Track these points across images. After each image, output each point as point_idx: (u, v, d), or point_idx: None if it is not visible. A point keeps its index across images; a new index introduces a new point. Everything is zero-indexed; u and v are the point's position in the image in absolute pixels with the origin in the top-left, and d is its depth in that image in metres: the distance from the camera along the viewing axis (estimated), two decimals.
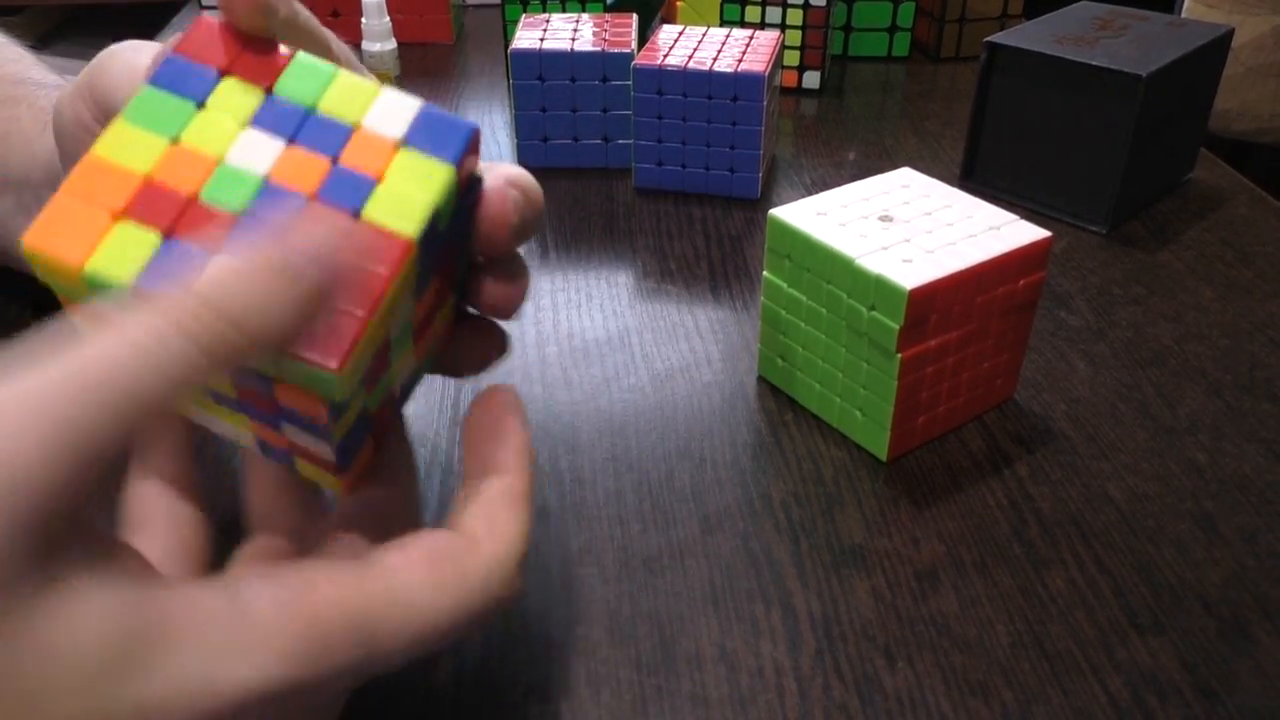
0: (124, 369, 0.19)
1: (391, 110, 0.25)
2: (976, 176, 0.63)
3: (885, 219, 0.40)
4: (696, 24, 0.76)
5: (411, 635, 0.23)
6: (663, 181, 0.62)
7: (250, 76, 0.24)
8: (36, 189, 0.39)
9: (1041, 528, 0.37)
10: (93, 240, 0.22)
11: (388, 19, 0.73)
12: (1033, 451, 0.41)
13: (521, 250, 0.30)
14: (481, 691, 0.31)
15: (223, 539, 0.28)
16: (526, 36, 0.63)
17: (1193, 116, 0.61)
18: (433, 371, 0.31)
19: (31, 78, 0.42)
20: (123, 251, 0.22)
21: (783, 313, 0.42)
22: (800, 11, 0.74)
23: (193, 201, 0.23)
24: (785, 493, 0.39)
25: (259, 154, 0.24)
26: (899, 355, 0.37)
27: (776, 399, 0.44)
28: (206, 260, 0.22)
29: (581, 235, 0.57)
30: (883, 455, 0.40)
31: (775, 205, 0.42)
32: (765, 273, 0.42)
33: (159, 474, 0.28)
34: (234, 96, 0.24)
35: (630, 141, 0.63)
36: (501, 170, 0.28)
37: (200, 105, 0.24)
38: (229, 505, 0.29)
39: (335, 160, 0.24)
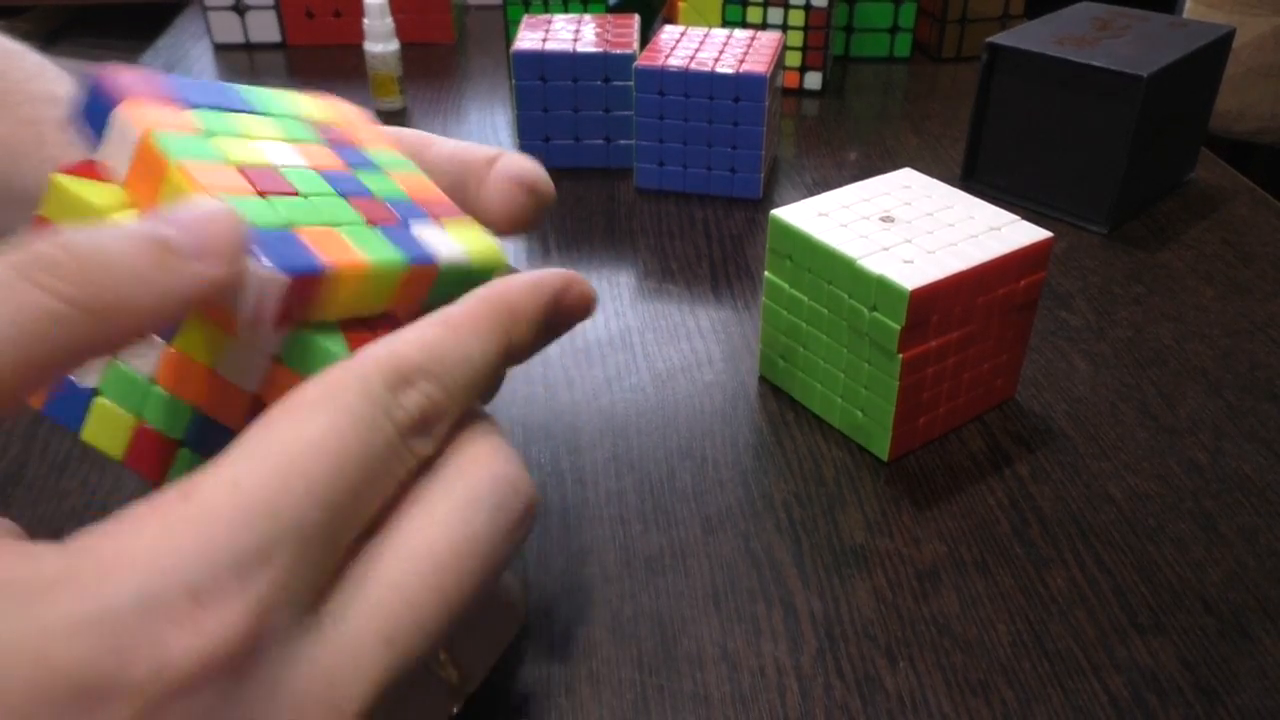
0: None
1: None
2: (977, 177, 0.63)
3: (886, 219, 0.41)
4: (698, 25, 0.76)
5: (273, 461, 0.19)
6: (664, 182, 0.62)
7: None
8: None
9: (1042, 527, 0.37)
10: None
11: (390, 20, 0.73)
12: (1033, 451, 0.41)
13: (523, 251, 0.30)
14: (482, 690, 0.31)
15: None
16: (529, 37, 0.63)
17: (1193, 117, 0.62)
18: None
19: (58, 95, 0.40)
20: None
21: (784, 313, 0.42)
22: (802, 12, 0.74)
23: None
24: (787, 493, 0.39)
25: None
26: (900, 356, 0.37)
27: (778, 399, 0.44)
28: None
29: (583, 235, 0.57)
30: (884, 455, 0.40)
31: (777, 206, 0.42)
32: (766, 273, 0.42)
33: None
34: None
35: (632, 142, 0.63)
36: (513, 170, 0.27)
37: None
38: None
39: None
